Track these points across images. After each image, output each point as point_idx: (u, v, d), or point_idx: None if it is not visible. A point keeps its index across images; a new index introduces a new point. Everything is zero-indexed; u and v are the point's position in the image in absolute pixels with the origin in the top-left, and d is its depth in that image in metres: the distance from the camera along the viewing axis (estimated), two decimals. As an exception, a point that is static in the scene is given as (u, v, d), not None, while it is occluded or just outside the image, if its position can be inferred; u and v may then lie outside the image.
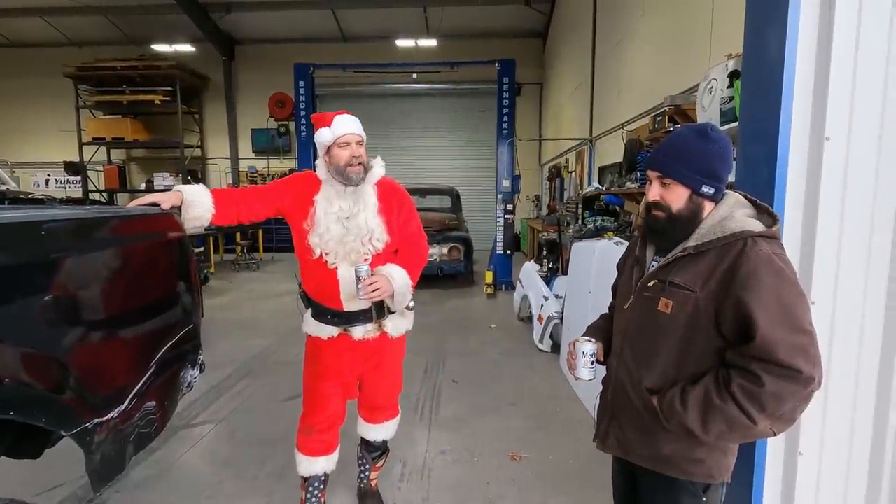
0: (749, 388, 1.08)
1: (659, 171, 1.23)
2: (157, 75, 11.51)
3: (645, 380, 1.27)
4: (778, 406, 1.07)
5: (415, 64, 10.66)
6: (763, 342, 1.07)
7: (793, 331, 1.08)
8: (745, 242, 1.14)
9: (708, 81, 3.17)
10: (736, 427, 1.12)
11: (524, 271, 5.79)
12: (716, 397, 1.11)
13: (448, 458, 2.84)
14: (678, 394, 1.18)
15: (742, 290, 1.10)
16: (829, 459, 1.77)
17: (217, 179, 13.54)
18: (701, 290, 1.17)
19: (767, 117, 1.70)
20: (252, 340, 5.13)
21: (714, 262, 1.16)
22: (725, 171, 1.22)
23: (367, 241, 1.95)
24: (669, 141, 1.26)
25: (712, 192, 1.21)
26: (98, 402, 1.28)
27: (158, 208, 1.68)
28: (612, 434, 1.38)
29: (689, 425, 1.16)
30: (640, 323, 1.29)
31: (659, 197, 1.24)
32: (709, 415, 1.13)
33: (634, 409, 1.30)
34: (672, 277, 1.21)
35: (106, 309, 1.36)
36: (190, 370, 1.78)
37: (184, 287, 1.77)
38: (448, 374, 4.17)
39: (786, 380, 1.06)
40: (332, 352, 2.09)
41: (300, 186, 2.05)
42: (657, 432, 1.26)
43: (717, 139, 1.21)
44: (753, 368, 1.08)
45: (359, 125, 1.98)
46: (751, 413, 1.08)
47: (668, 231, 1.25)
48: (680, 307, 1.19)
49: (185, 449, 2.96)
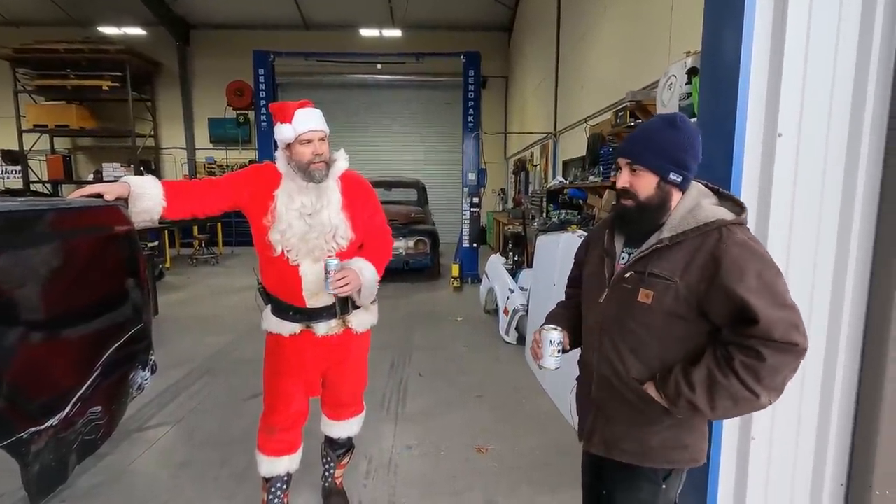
0: (751, 364, 1.12)
1: (629, 157, 1.26)
2: (104, 59, 10.84)
3: (633, 370, 1.28)
4: (774, 378, 1.13)
5: (380, 54, 10.48)
6: (763, 323, 1.11)
7: (782, 308, 1.13)
8: (721, 231, 1.18)
9: (668, 78, 3.25)
10: (740, 401, 1.16)
11: (490, 264, 5.82)
12: (719, 375, 1.15)
13: (415, 453, 2.83)
14: (681, 376, 1.20)
15: (730, 280, 1.13)
16: (778, 444, 1.85)
17: (172, 170, 12.97)
18: (681, 279, 1.19)
19: (724, 114, 1.75)
20: (210, 337, 4.96)
21: (691, 251, 1.19)
22: (693, 160, 1.25)
23: (331, 239, 1.89)
24: (640, 130, 1.29)
25: (680, 180, 1.23)
26: (34, 409, 1.19)
27: (102, 200, 1.58)
28: (597, 431, 1.38)
29: (697, 404, 1.18)
30: (619, 315, 1.29)
31: (628, 184, 1.26)
32: (715, 392, 1.16)
33: (624, 402, 1.30)
34: (651, 269, 1.23)
35: (43, 309, 1.26)
36: (140, 371, 1.68)
37: (132, 284, 1.67)
38: (414, 368, 4.15)
39: (784, 353, 1.12)
40: (293, 349, 2.03)
41: (259, 179, 1.96)
42: (646, 424, 1.28)
43: (686, 129, 1.24)
44: (753, 345, 1.12)
45: (322, 119, 1.90)
46: (753, 387, 1.13)
47: (637, 219, 1.27)
48: (660, 297, 1.21)
49: (140, 452, 2.83)
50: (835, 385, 1.80)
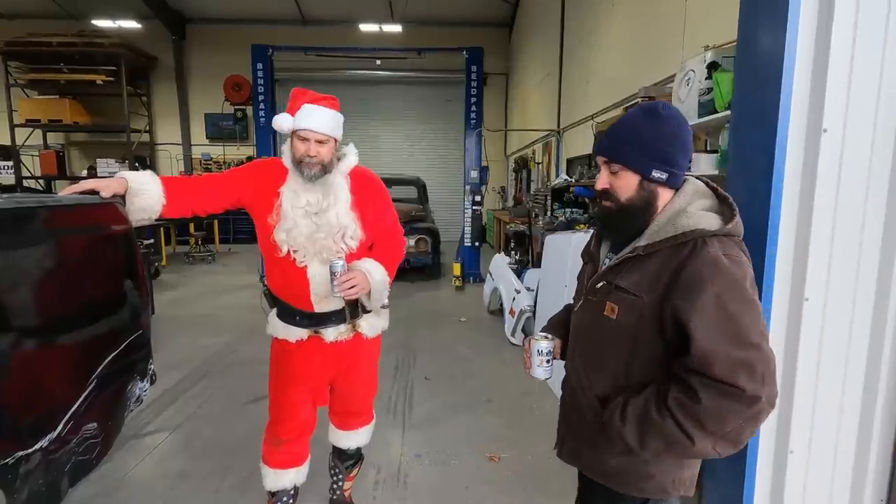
0: (685, 404, 0.98)
1: (605, 155, 1.13)
2: (98, 53, 10.62)
3: (595, 386, 1.18)
4: (719, 425, 0.98)
5: (381, 49, 10.33)
6: (700, 354, 0.97)
7: (736, 344, 0.96)
8: (696, 243, 1.02)
9: (685, 73, 3.14)
10: (673, 445, 1.02)
11: (494, 263, 5.71)
12: (654, 411, 1.02)
13: (424, 462, 2.72)
14: (619, 405, 1.09)
15: (680, 296, 1.00)
16: (816, 457, 1.76)
17: (168, 167, 12.77)
18: (647, 294, 1.06)
19: (765, 109, 1.64)
20: (208, 339, 4.82)
21: (663, 264, 1.05)
22: (680, 153, 1.09)
23: (340, 239, 1.77)
24: (618, 123, 1.15)
25: (665, 178, 1.09)
26: (23, 430, 1.07)
27: (98, 197, 1.45)
28: (567, 442, 1.29)
29: (626, 439, 1.07)
30: (588, 327, 1.20)
31: (608, 185, 1.13)
32: (646, 429, 1.04)
33: (583, 417, 1.22)
34: (619, 281, 1.11)
35: (33, 317, 1.14)
36: (139, 382, 1.57)
37: (130, 288, 1.55)
38: (419, 371, 4.03)
39: (725, 397, 0.96)
40: (301, 355, 1.91)
41: (263, 175, 1.84)
42: (603, 443, 1.17)
43: (669, 118, 1.09)
44: (692, 382, 0.98)
45: (331, 123, 1.73)
46: (688, 430, 0.99)
47: (618, 223, 1.15)
48: (626, 313, 1.09)
49: (136, 461, 2.70)
50: (877, 397, 1.70)
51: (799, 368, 1.71)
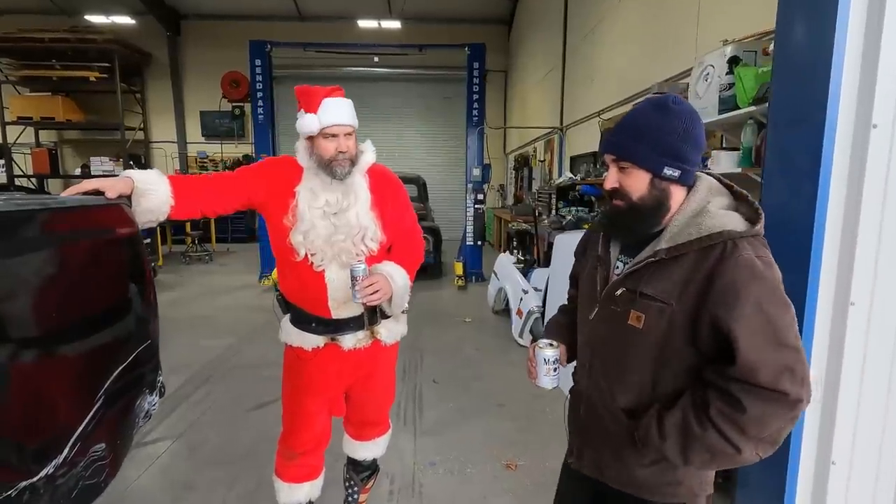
0: (730, 414, 0.95)
1: (614, 153, 1.06)
2: (91, 49, 10.39)
3: (619, 399, 1.12)
4: (761, 430, 0.95)
5: (381, 45, 10.17)
6: (745, 364, 0.93)
7: (777, 347, 0.94)
8: (726, 246, 0.97)
9: (703, 68, 3.05)
10: (719, 455, 0.99)
11: (499, 263, 5.62)
12: (695, 424, 0.98)
13: (439, 470, 2.62)
14: (654, 421, 1.04)
15: (720, 305, 0.95)
16: (859, 469, 1.68)
17: (163, 165, 12.57)
18: (678, 302, 1.00)
19: (809, 105, 1.56)
20: (208, 341, 4.71)
21: (691, 268, 0.99)
22: (693, 149, 1.03)
23: (360, 241, 1.68)
24: (626, 119, 1.08)
25: (678, 175, 1.03)
26: (27, 457, 0.97)
27: (103, 198, 1.34)
28: (586, 454, 1.23)
29: (668, 456, 1.03)
30: (608, 337, 1.13)
31: (617, 184, 1.07)
32: (688, 444, 1.00)
33: (607, 430, 1.16)
34: (643, 287, 1.04)
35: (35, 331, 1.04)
36: (148, 396, 1.46)
37: (137, 295, 1.45)
38: (427, 374, 3.94)
39: (770, 403, 0.94)
40: (316, 364, 1.82)
41: (277, 175, 1.74)
42: (630, 455, 1.12)
43: (680, 112, 1.02)
44: (734, 391, 0.95)
45: (352, 112, 1.69)
46: (733, 440, 0.96)
47: (630, 223, 1.08)
48: (654, 322, 1.03)
49: (139, 472, 2.59)
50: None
51: (843, 377, 1.63)
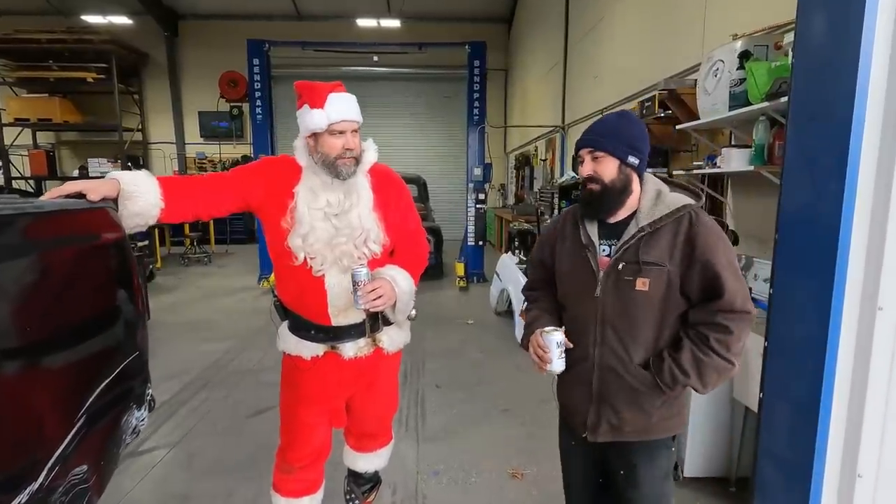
0: (723, 339, 1.27)
1: (591, 147, 1.36)
2: (88, 50, 10.30)
3: (635, 357, 1.35)
4: (739, 344, 1.30)
5: (381, 44, 10.09)
6: (729, 296, 1.27)
7: (739, 279, 1.30)
8: (691, 215, 1.32)
9: (712, 63, 2.96)
10: (724, 372, 1.31)
11: (502, 264, 5.53)
12: (702, 355, 1.28)
13: (443, 480, 2.54)
14: (673, 365, 1.30)
15: (706, 255, 1.28)
16: (886, 481, 1.60)
17: (161, 166, 12.50)
18: (669, 262, 1.30)
19: (835, 100, 1.47)
20: (207, 345, 4.63)
21: (671, 235, 1.31)
22: (645, 146, 1.38)
23: (362, 244, 1.59)
24: (597, 124, 1.41)
25: (637, 163, 1.36)
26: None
27: (85, 201, 1.26)
28: (603, 421, 1.40)
29: (693, 386, 1.31)
30: (619, 306, 1.35)
31: (592, 171, 1.36)
32: (704, 371, 1.29)
33: (628, 389, 1.37)
34: (644, 257, 1.31)
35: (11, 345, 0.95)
36: (136, 411, 1.38)
37: (125, 305, 1.36)
38: (430, 378, 3.86)
39: (744, 321, 1.29)
40: (315, 373, 1.73)
41: (274, 175, 1.65)
42: (646, 404, 1.37)
43: (636, 120, 1.41)
44: (720, 320, 1.27)
45: (357, 108, 1.62)
46: (729, 358, 1.29)
47: (603, 201, 1.36)
48: (655, 283, 1.31)
49: (133, 483, 2.51)
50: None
51: (870, 385, 1.53)
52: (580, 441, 1.47)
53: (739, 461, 2.40)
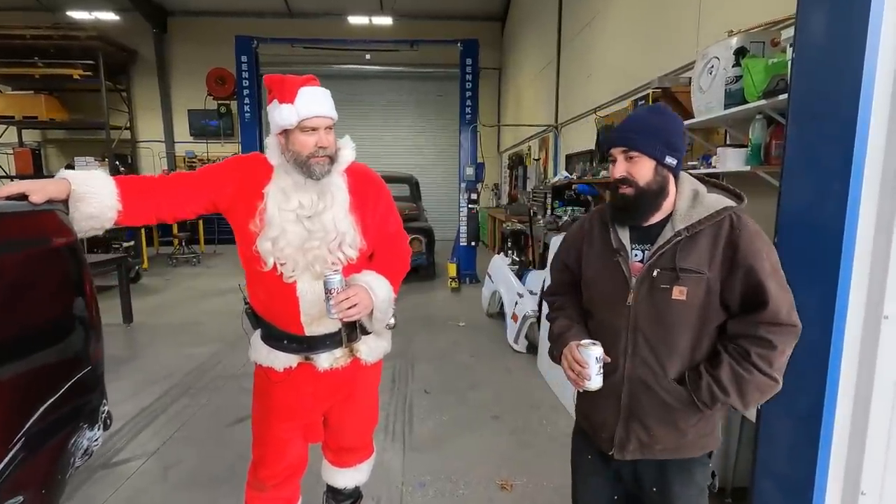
0: (766, 354, 1.15)
1: (624, 145, 1.23)
2: (75, 47, 10.10)
3: (669, 371, 1.24)
4: (781, 360, 1.17)
5: (372, 41, 9.97)
6: (774, 306, 1.14)
7: (785, 290, 1.17)
8: (732, 218, 1.20)
9: (707, 60, 2.88)
10: (766, 390, 1.19)
11: (493, 265, 5.45)
12: (744, 372, 1.16)
13: (429, 492, 2.44)
14: (711, 382, 1.19)
15: (750, 261, 1.15)
16: (890, 499, 1.52)
17: (150, 164, 12.32)
18: (709, 270, 1.19)
19: (839, 97, 1.39)
20: (191, 349, 4.50)
21: (710, 240, 1.20)
22: (682, 143, 1.25)
23: (336, 248, 1.49)
24: (629, 120, 1.28)
25: (675, 164, 1.23)
26: None
27: (27, 203, 1.15)
28: (632, 438, 1.30)
29: (733, 405, 1.20)
30: (653, 315, 1.23)
31: (626, 172, 1.23)
32: (744, 389, 1.17)
33: (661, 404, 1.26)
34: (681, 263, 1.19)
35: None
36: (87, 431, 1.27)
37: (77, 315, 1.25)
38: (419, 383, 3.76)
39: (789, 335, 1.16)
40: (289, 386, 1.63)
41: (243, 174, 1.55)
42: (680, 421, 1.26)
43: (672, 115, 1.26)
44: (762, 334, 1.15)
45: (331, 103, 1.50)
46: (772, 374, 1.16)
47: (638, 206, 1.24)
48: (694, 291, 1.19)
49: (106, 495, 2.39)
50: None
51: (874, 397, 1.46)
52: (601, 457, 1.37)
53: (735, 470, 2.33)
